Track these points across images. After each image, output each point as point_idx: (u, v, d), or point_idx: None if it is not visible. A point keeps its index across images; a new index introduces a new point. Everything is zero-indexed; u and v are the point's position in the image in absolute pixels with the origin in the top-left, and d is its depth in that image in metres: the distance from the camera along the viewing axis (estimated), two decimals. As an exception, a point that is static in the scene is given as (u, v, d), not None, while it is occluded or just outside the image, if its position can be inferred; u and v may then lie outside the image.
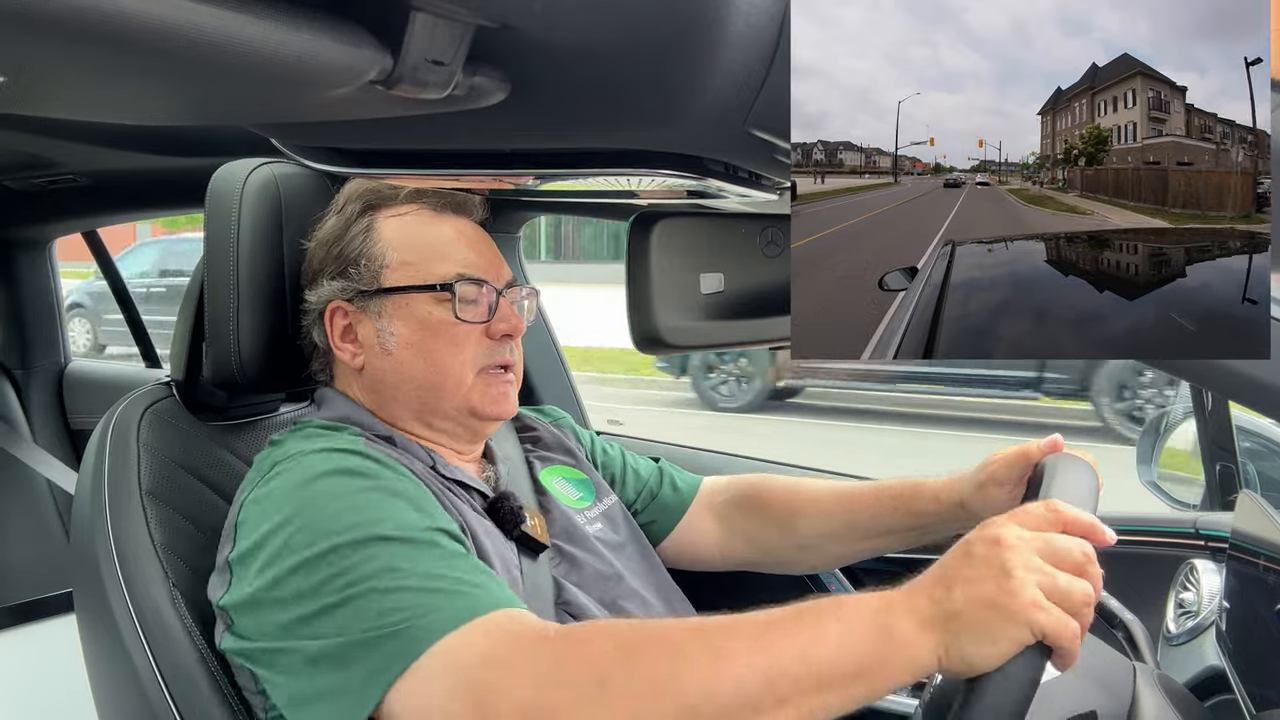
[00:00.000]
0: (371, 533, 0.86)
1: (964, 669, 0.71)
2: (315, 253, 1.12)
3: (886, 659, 0.72)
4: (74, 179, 2.02)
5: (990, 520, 0.76)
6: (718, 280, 0.78)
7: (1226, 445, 1.50)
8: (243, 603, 0.91)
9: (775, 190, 0.75)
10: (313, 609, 0.85)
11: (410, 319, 1.06)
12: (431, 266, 1.06)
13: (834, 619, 0.74)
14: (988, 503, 1.06)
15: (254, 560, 0.90)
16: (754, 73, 0.50)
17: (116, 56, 0.42)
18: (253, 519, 0.93)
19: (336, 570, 0.85)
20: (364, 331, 1.08)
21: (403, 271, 1.07)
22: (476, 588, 0.84)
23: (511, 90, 0.53)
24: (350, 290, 1.08)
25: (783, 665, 0.72)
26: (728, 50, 0.48)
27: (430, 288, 1.05)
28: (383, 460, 0.96)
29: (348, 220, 1.10)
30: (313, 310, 1.11)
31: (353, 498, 0.90)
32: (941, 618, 0.72)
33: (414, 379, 1.06)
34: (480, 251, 1.10)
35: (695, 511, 1.31)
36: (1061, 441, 1.01)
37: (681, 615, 1.16)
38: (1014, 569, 0.71)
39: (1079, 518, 0.76)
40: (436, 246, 1.08)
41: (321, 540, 0.86)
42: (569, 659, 0.76)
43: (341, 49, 0.45)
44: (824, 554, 1.26)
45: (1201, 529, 1.39)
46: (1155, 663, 1.06)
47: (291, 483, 0.93)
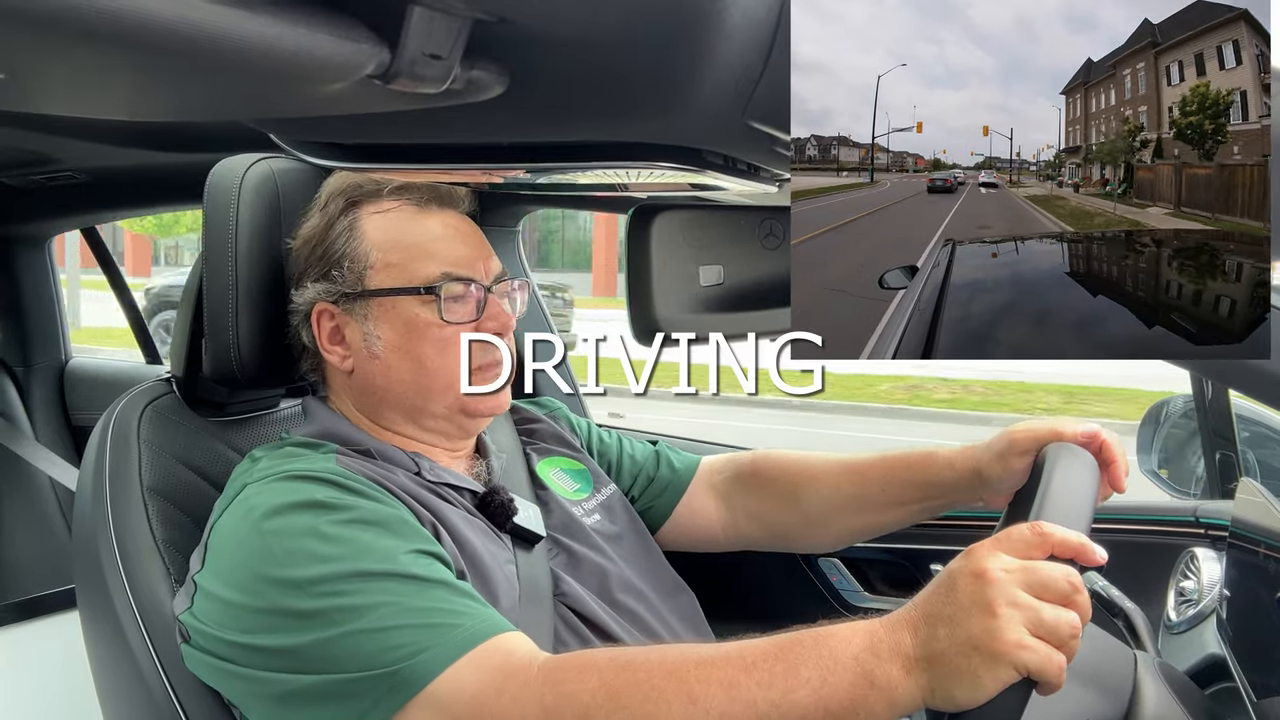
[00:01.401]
0: (350, 568, 0.86)
1: (949, 707, 0.71)
2: (300, 252, 1.10)
3: (867, 703, 0.72)
4: (73, 176, 2.02)
5: (974, 548, 0.74)
6: (717, 273, 0.78)
7: (1226, 434, 1.50)
8: (204, 631, 0.91)
9: (774, 182, 0.74)
10: (287, 644, 0.85)
11: (396, 322, 1.04)
12: (416, 266, 1.04)
13: (814, 662, 0.73)
14: (1006, 471, 1.04)
15: (221, 595, 0.90)
16: (752, 64, 0.50)
17: (115, 53, 0.42)
18: (222, 550, 0.93)
19: (317, 606, 0.84)
20: (351, 334, 1.06)
21: (387, 273, 1.05)
22: (460, 617, 0.84)
23: (509, 84, 0.53)
24: (335, 292, 1.06)
25: (760, 711, 0.73)
26: (726, 42, 0.48)
27: (415, 290, 1.04)
28: (353, 487, 0.94)
29: (330, 219, 1.08)
30: (299, 311, 1.09)
31: (322, 533, 0.89)
32: (925, 659, 0.71)
33: (403, 381, 1.05)
34: (469, 246, 1.08)
35: (695, 491, 1.30)
36: (1102, 434, 0.98)
37: (681, 602, 1.16)
38: (998, 606, 0.70)
39: (1066, 540, 0.74)
40: (421, 245, 1.05)
41: (292, 577, 0.86)
42: (554, 702, 0.77)
43: (339, 43, 0.45)
44: (832, 529, 1.24)
45: (1202, 517, 1.39)
46: (1156, 651, 1.06)
47: (259, 515, 0.91)
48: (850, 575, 1.62)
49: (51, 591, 1.80)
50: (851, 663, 0.73)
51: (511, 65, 0.52)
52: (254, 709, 0.90)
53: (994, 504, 1.09)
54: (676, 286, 0.76)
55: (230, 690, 0.92)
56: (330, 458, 0.99)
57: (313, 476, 0.94)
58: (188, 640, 0.94)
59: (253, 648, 0.87)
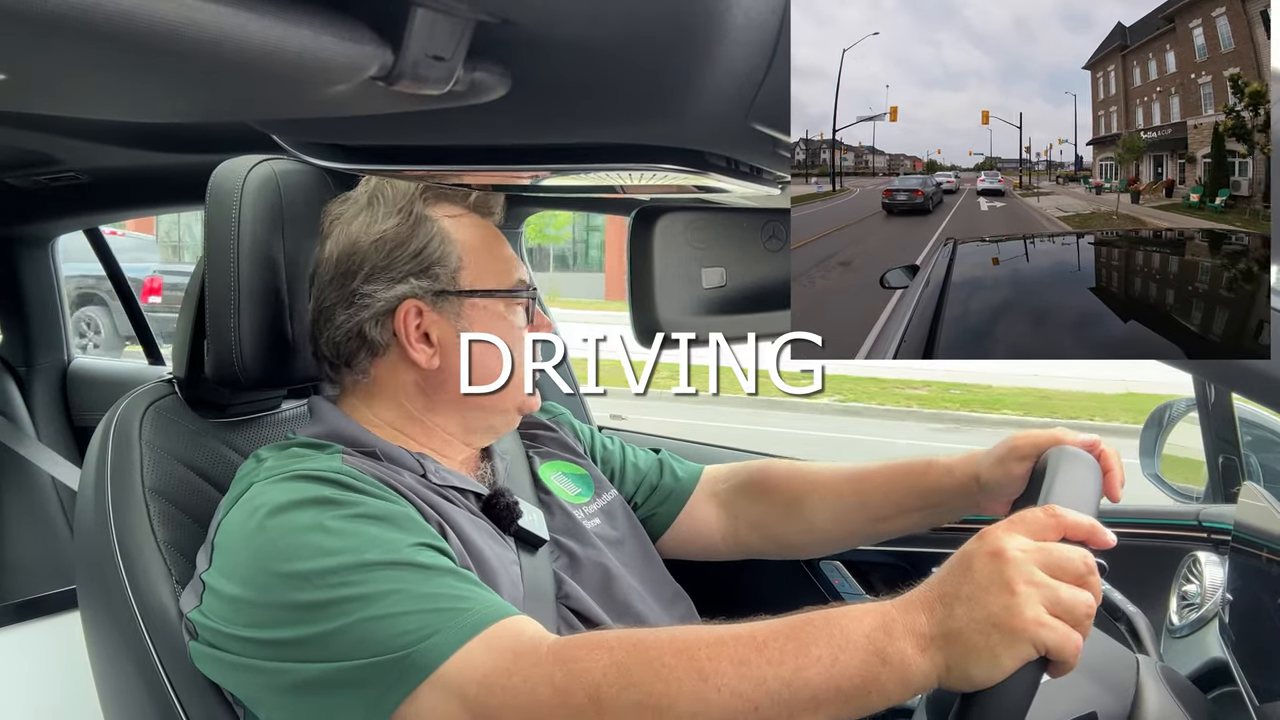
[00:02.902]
0: (357, 559, 0.86)
1: (965, 686, 0.71)
2: (376, 249, 1.07)
3: (879, 681, 0.72)
4: (75, 176, 2.02)
5: (989, 530, 0.75)
6: (719, 275, 0.78)
7: (1229, 437, 1.50)
8: (213, 627, 0.91)
9: (776, 184, 0.75)
10: (297, 635, 0.85)
11: (487, 322, 1.08)
12: (500, 270, 1.10)
13: (825, 640, 0.74)
14: (1006, 477, 1.05)
15: (229, 592, 0.91)
16: (755, 66, 0.50)
17: (117, 54, 0.42)
18: (229, 548, 0.93)
19: (325, 598, 0.85)
20: (440, 332, 1.07)
21: (478, 274, 1.09)
22: (468, 601, 0.85)
23: (512, 85, 0.53)
24: (429, 290, 1.07)
25: (770, 689, 0.73)
26: (729, 44, 0.48)
27: (507, 292, 1.09)
28: (359, 486, 0.94)
29: (417, 218, 1.09)
30: (372, 308, 1.07)
31: (327, 527, 0.89)
32: (942, 637, 0.71)
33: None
34: (514, 256, 1.13)
35: (698, 500, 1.31)
36: (1101, 443, 0.99)
37: (680, 611, 1.16)
38: (1016, 585, 0.70)
39: (1079, 522, 0.75)
40: (494, 250, 1.11)
41: (300, 570, 0.87)
42: (564, 680, 0.78)
43: (342, 45, 0.45)
44: (833, 537, 1.25)
45: (1204, 521, 1.39)
46: (1158, 655, 1.06)
47: (264, 512, 0.92)
48: (852, 578, 1.62)
49: (53, 592, 1.80)
50: (863, 641, 0.73)
51: (514, 67, 0.52)
52: (265, 702, 0.90)
53: (992, 512, 1.09)
54: (679, 288, 0.76)
55: (240, 684, 0.92)
56: (336, 458, 1.00)
57: (319, 476, 0.95)
58: (195, 637, 0.94)
59: (263, 641, 0.88)
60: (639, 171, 0.64)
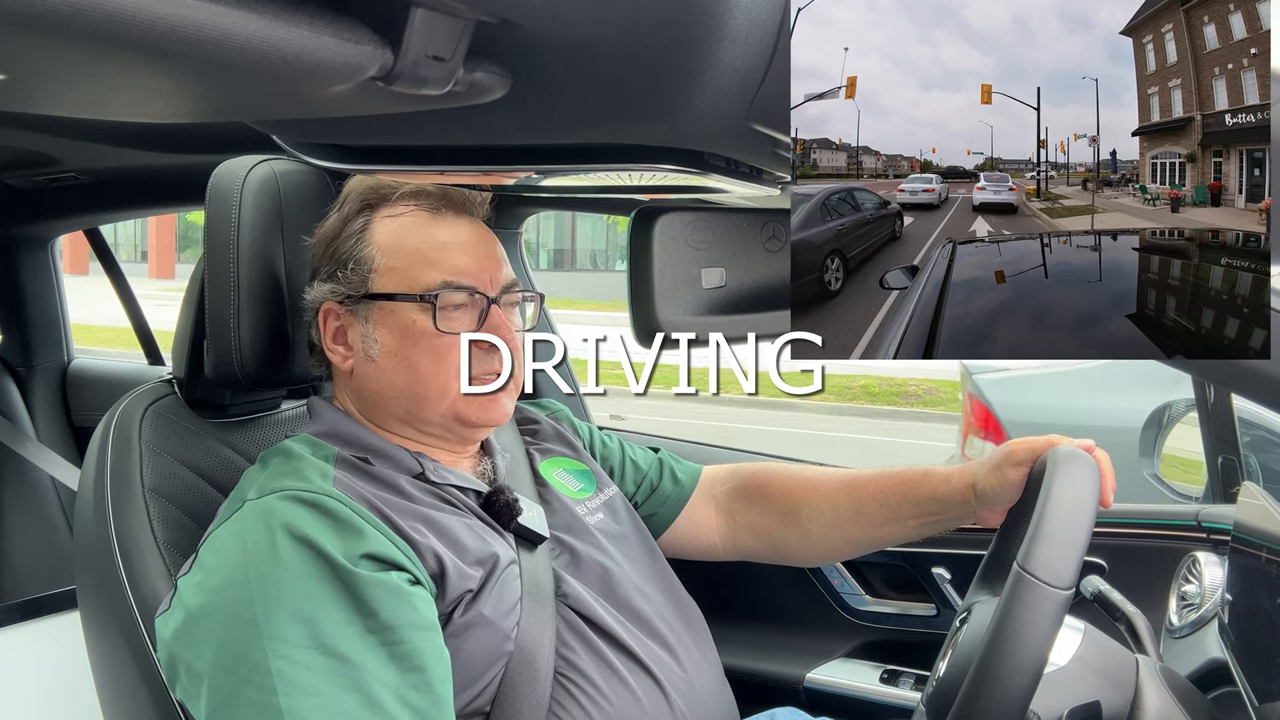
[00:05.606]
0: (301, 641, 0.85)
1: None
2: (315, 249, 1.11)
3: None
4: (75, 177, 2.02)
5: None
6: (719, 275, 0.78)
7: (1229, 438, 1.50)
8: (167, 647, 0.92)
9: (776, 185, 0.75)
10: (217, 685, 0.86)
11: (394, 327, 1.04)
12: (418, 273, 1.04)
13: None
14: (1002, 483, 1.05)
15: (185, 619, 0.91)
16: (756, 66, 0.50)
17: (117, 54, 0.42)
18: (207, 568, 0.93)
19: (258, 673, 0.84)
20: (353, 336, 1.07)
21: (389, 277, 1.05)
22: None
23: (512, 85, 0.53)
24: (340, 293, 1.06)
25: None
26: (730, 44, 0.48)
27: (414, 297, 1.03)
28: (341, 515, 0.92)
29: (345, 219, 1.09)
30: (309, 309, 1.10)
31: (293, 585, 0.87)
32: None
33: (397, 387, 1.05)
34: (475, 255, 1.06)
35: (696, 503, 1.31)
36: (1095, 449, 0.98)
37: (682, 606, 1.16)
38: None
39: None
40: (424, 252, 1.05)
41: (246, 640, 0.86)
42: None
43: (342, 45, 0.45)
44: (830, 544, 1.25)
45: (1204, 521, 1.39)
46: (1158, 655, 1.06)
47: (243, 550, 0.91)
48: (852, 578, 1.62)
49: (53, 592, 1.80)
50: None
51: (514, 67, 0.52)
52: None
53: (988, 521, 1.09)
54: (678, 288, 0.76)
55: (185, 697, 0.93)
56: (329, 473, 0.98)
57: (307, 500, 0.92)
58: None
59: (191, 669, 0.88)
60: (639, 171, 0.64)
